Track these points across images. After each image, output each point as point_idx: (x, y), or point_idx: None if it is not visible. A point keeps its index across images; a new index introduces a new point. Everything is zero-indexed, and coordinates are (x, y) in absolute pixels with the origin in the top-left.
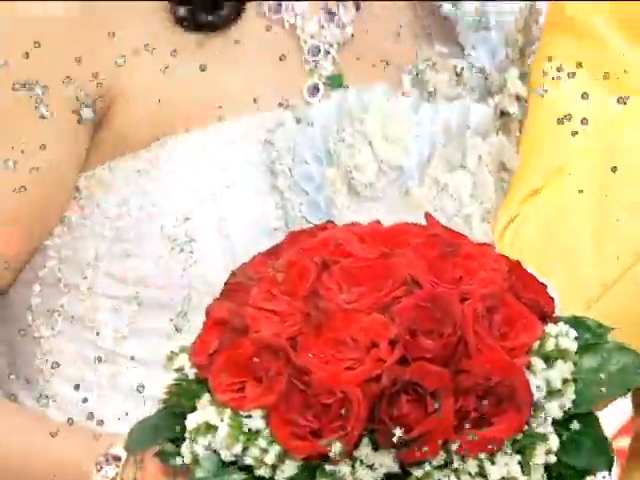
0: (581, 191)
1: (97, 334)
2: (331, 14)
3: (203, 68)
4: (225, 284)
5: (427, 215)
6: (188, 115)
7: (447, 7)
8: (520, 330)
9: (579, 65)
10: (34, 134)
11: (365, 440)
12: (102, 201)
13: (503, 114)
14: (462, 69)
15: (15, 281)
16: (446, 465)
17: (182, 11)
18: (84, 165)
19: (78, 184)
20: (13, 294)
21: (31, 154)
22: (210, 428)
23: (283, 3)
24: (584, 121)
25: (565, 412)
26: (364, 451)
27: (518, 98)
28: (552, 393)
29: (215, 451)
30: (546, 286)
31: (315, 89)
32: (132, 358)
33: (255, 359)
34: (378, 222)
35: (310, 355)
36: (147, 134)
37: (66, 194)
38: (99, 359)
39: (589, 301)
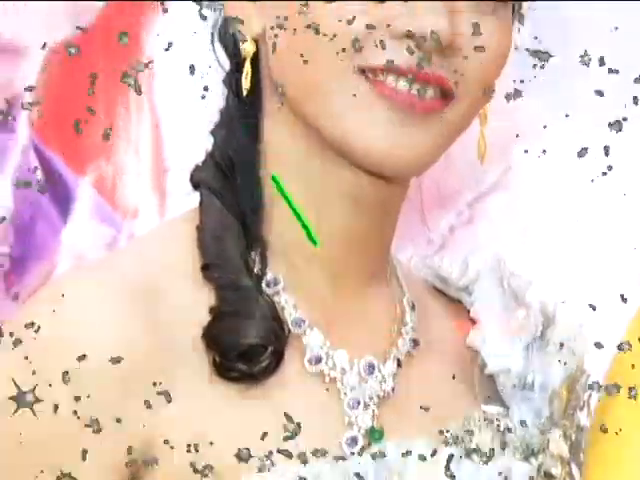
0: None
1: None
2: (371, 367)
3: (238, 415)
4: None
5: None
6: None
7: (492, 366)
8: None
9: None
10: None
11: None
12: None
13: (546, 475)
14: (505, 429)
15: None
16: None
17: (219, 361)
18: None
19: None
20: None
21: None
22: None
23: (323, 356)
24: None
25: None
26: None
27: (561, 459)
28: None
29: None
30: None
31: (354, 441)
32: None
33: None
34: None
35: None
36: None
37: None
38: None
39: None
